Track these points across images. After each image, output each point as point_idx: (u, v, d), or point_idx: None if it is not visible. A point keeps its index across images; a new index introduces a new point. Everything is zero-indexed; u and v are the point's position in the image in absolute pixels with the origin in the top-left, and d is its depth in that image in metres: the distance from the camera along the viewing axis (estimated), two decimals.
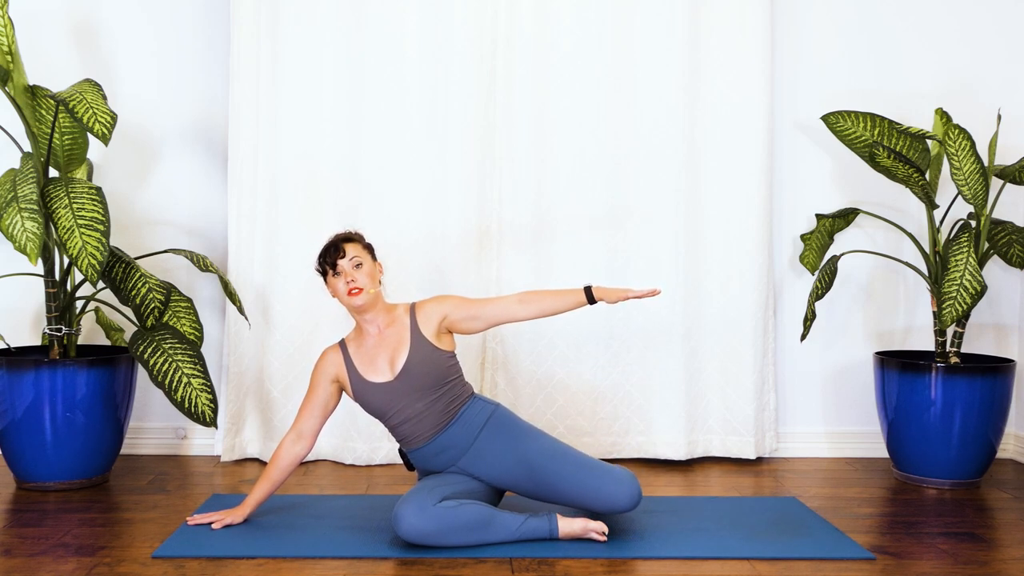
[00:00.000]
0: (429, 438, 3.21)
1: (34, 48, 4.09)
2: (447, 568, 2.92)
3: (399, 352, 3.22)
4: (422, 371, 3.19)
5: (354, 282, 3.18)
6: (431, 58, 4.11)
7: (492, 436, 3.21)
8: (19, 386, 3.62)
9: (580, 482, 3.12)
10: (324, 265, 3.23)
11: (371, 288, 3.20)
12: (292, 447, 3.29)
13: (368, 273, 3.21)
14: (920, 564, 3.02)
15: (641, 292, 3.23)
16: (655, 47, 4.14)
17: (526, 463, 3.17)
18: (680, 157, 4.15)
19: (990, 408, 3.84)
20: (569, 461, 3.16)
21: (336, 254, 3.20)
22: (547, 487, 3.16)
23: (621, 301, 3.25)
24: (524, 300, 3.27)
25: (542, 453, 3.18)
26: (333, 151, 4.12)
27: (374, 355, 3.24)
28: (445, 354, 3.24)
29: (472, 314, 3.26)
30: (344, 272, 3.19)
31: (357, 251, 3.23)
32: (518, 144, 4.14)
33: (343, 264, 3.20)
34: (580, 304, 3.25)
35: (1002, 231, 3.99)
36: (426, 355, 3.20)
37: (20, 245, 3.37)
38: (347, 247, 3.22)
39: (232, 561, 2.96)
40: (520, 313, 3.27)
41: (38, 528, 3.26)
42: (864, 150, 4.03)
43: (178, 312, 3.86)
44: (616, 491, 3.11)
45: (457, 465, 3.23)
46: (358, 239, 3.29)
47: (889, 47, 4.33)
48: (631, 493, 3.11)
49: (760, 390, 4.25)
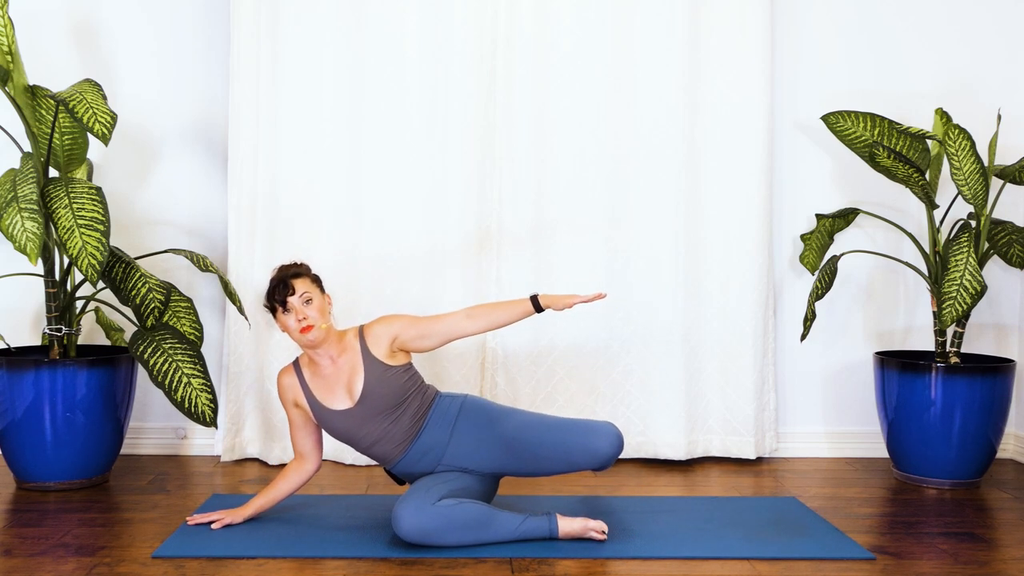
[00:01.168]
0: (404, 450, 3.21)
1: (34, 48, 4.09)
2: (447, 568, 2.92)
3: (355, 379, 3.20)
4: (381, 392, 3.18)
5: (305, 320, 3.14)
6: (431, 58, 4.11)
7: (466, 426, 3.22)
8: (19, 386, 3.62)
9: (560, 443, 3.13)
10: (273, 303, 3.18)
11: (322, 324, 3.15)
12: (300, 467, 3.32)
13: (318, 308, 3.16)
14: (920, 564, 3.02)
15: (587, 297, 3.22)
16: (655, 47, 4.14)
17: (504, 442, 3.18)
18: (680, 157, 4.15)
19: (990, 408, 3.84)
20: (545, 427, 3.18)
21: (285, 291, 3.15)
22: (531, 458, 3.17)
23: (567, 308, 3.24)
24: (472, 315, 3.26)
25: (517, 427, 3.19)
26: (333, 151, 4.12)
27: (332, 384, 3.22)
28: (400, 369, 3.22)
29: (422, 332, 3.24)
30: (295, 309, 3.15)
31: (306, 286, 3.18)
32: (518, 144, 4.14)
33: (293, 301, 3.14)
34: (527, 314, 3.24)
35: (1002, 231, 3.99)
36: (381, 376, 3.19)
37: (20, 245, 3.37)
38: (296, 283, 3.17)
39: (232, 561, 2.96)
40: (469, 328, 3.25)
41: (38, 528, 3.26)
42: (864, 150, 4.03)
43: (178, 312, 3.86)
44: (597, 442, 3.12)
45: (443, 463, 3.23)
46: (306, 272, 3.23)
47: (889, 47, 4.33)
48: (612, 440, 3.12)
49: (760, 390, 4.25)
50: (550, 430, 3.18)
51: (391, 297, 4.10)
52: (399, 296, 4.10)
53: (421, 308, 4.01)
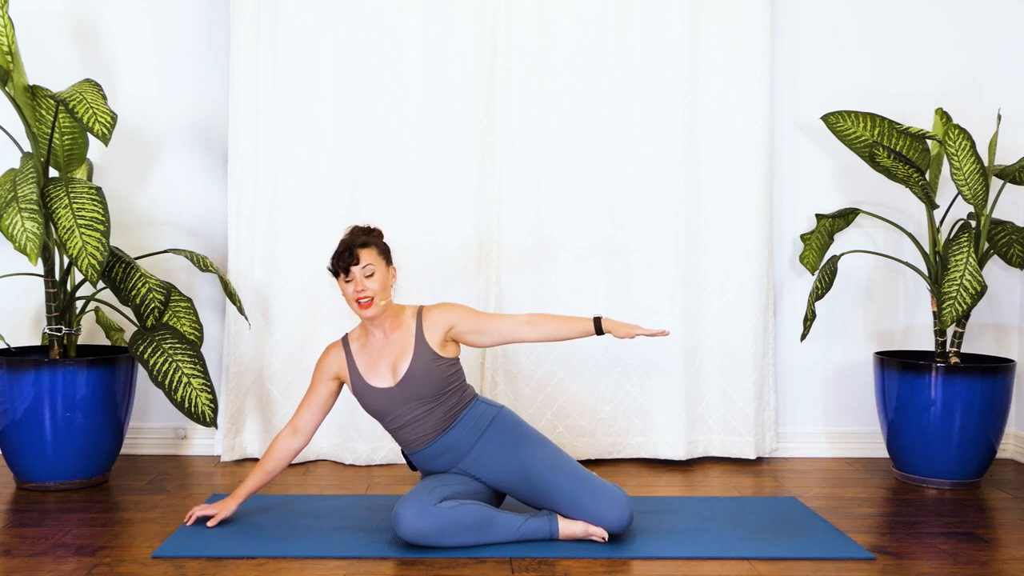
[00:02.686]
0: (430, 440, 3.20)
1: (34, 48, 4.09)
2: (447, 568, 2.92)
3: (402, 359, 3.20)
4: (423, 380, 3.17)
5: (364, 292, 3.12)
6: (431, 58, 4.11)
7: (494, 439, 3.21)
8: (19, 386, 3.62)
9: (574, 498, 3.11)
10: (336, 268, 3.17)
11: (381, 300, 3.14)
12: (288, 440, 3.28)
13: (380, 281, 3.15)
14: (920, 564, 3.02)
15: (651, 331, 3.19)
16: (655, 47, 4.14)
17: (524, 470, 3.17)
18: (680, 157, 4.15)
19: (990, 408, 3.84)
20: (566, 474, 3.15)
21: (350, 259, 3.13)
22: (542, 496, 3.16)
23: (628, 338, 3.21)
24: (533, 322, 3.24)
25: (541, 462, 3.16)
26: (333, 151, 4.12)
27: (377, 358, 3.22)
28: (447, 361, 3.21)
29: (480, 328, 3.23)
30: (356, 280, 3.13)
31: (371, 258, 3.15)
32: (518, 144, 4.14)
33: (355, 272, 3.13)
34: (588, 333, 3.22)
35: (1002, 231, 3.99)
36: (428, 364, 3.18)
37: (20, 245, 3.37)
38: (361, 253, 3.14)
39: (232, 561, 2.96)
40: (528, 335, 3.23)
41: (38, 528, 3.26)
42: (864, 150, 4.03)
43: (178, 312, 3.86)
44: (608, 511, 3.09)
45: (459, 467, 3.22)
46: (375, 242, 3.20)
47: (889, 47, 4.33)
48: (622, 515, 3.09)
49: (760, 390, 4.25)
50: (569, 480, 3.13)
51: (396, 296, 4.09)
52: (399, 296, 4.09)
53: None
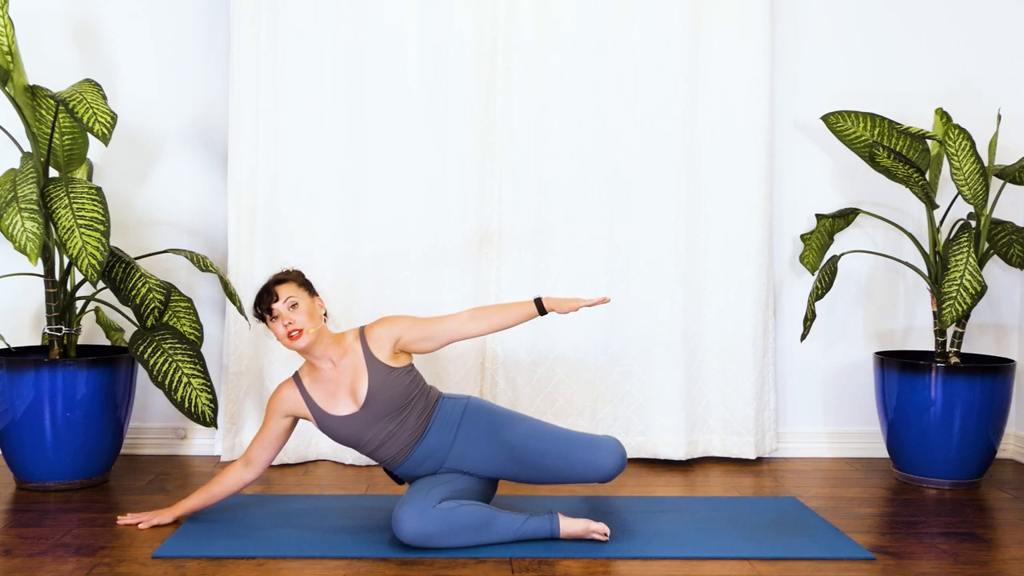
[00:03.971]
0: (409, 452, 3.20)
1: (34, 48, 4.09)
2: (447, 568, 2.92)
3: (358, 382, 3.18)
4: (386, 395, 3.17)
5: (292, 324, 3.11)
6: (431, 58, 4.11)
7: (470, 430, 3.21)
8: (19, 386, 3.62)
9: (564, 455, 3.13)
10: (260, 312, 3.16)
11: (310, 328, 3.13)
12: (240, 471, 3.28)
13: (306, 312, 3.13)
14: (920, 564, 3.02)
15: (591, 301, 3.22)
16: (655, 47, 4.14)
17: (508, 448, 3.18)
18: (680, 157, 4.15)
19: (990, 408, 3.84)
20: (551, 438, 3.18)
21: (269, 299, 3.13)
22: (533, 467, 3.17)
23: (572, 311, 3.23)
24: (475, 316, 3.24)
25: (523, 435, 3.19)
26: (333, 151, 4.12)
27: (334, 389, 3.20)
28: (403, 371, 3.21)
29: (425, 335, 3.22)
30: (281, 315, 3.12)
31: (291, 291, 3.15)
32: (518, 144, 4.14)
33: (278, 308, 3.12)
34: (531, 316, 3.23)
35: (1002, 231, 3.99)
36: (385, 378, 3.17)
37: (20, 245, 3.37)
38: (279, 290, 3.14)
39: (232, 561, 2.96)
40: (473, 330, 3.24)
41: (38, 528, 3.26)
42: (864, 150, 4.03)
43: (178, 312, 3.86)
44: (601, 458, 3.12)
45: (445, 466, 3.22)
46: (293, 278, 3.21)
47: (889, 47, 4.33)
48: (616, 458, 3.13)
49: (760, 390, 4.25)
50: (556, 441, 3.18)
51: (391, 297, 4.10)
52: (399, 296, 4.10)
53: (421, 308, 4.01)
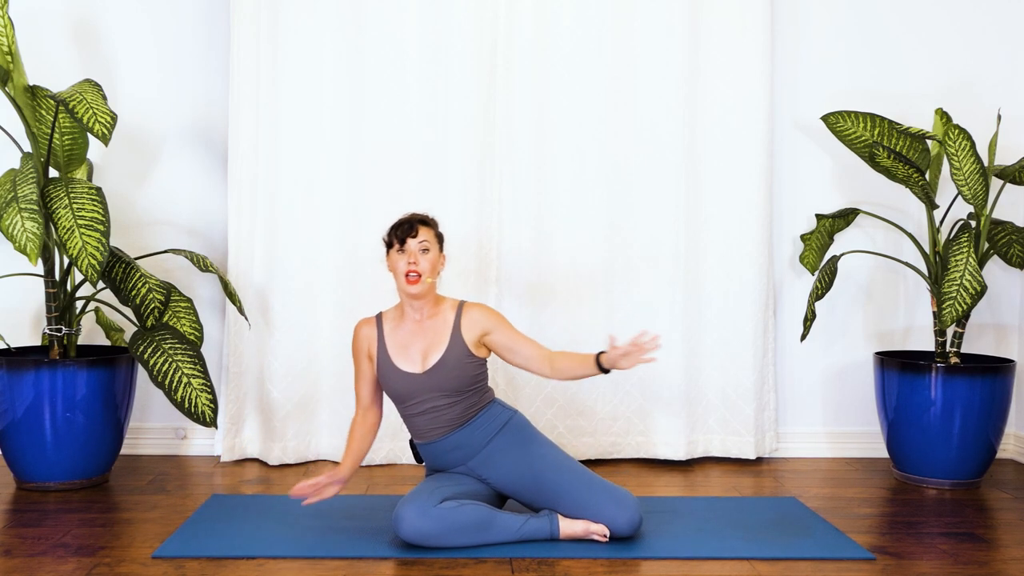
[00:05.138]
0: (444, 434, 3.20)
1: (34, 48, 4.09)
2: (447, 568, 2.92)
3: (435, 347, 3.20)
4: (452, 373, 3.18)
5: (415, 265, 3.15)
6: (431, 58, 4.11)
7: (505, 442, 3.21)
8: (19, 386, 3.62)
9: (582, 500, 3.12)
10: (393, 238, 3.20)
11: (428, 278, 3.17)
12: (364, 419, 3.29)
13: (431, 261, 3.19)
14: (920, 564, 3.02)
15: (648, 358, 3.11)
16: (655, 47, 4.14)
17: (532, 472, 3.17)
18: (680, 157, 4.15)
19: (990, 408, 3.84)
20: (575, 477, 3.16)
21: (408, 231, 3.17)
22: (549, 498, 3.16)
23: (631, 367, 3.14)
24: (553, 361, 3.21)
25: (549, 465, 3.18)
26: (333, 151, 4.12)
27: (408, 342, 3.23)
28: (478, 360, 3.23)
29: (511, 346, 3.24)
30: (410, 252, 3.16)
31: (428, 236, 3.20)
32: (518, 144, 4.14)
33: (411, 244, 3.17)
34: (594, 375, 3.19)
35: (1002, 231, 3.99)
36: (459, 358, 3.19)
37: (20, 245, 3.37)
38: (421, 229, 3.19)
39: (232, 561, 2.96)
40: (545, 371, 3.23)
41: (38, 528, 3.26)
42: (864, 150, 4.03)
43: (178, 312, 3.86)
44: (617, 514, 3.10)
45: (466, 465, 3.23)
46: (433, 225, 3.26)
47: (889, 47, 4.33)
48: (632, 518, 3.10)
49: (760, 390, 4.25)
50: (578, 482, 3.14)
51: (391, 297, 4.09)
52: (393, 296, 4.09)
53: None
